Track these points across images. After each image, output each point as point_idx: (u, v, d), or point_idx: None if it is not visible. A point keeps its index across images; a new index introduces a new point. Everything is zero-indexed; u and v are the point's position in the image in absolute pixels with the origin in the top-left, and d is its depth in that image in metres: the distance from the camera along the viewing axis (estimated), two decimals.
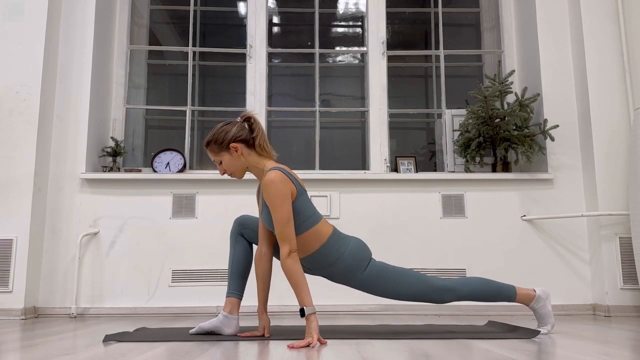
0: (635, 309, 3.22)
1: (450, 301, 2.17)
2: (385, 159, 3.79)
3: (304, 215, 2.06)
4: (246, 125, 2.14)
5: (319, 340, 1.88)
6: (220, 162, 2.11)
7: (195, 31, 4.16)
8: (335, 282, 2.18)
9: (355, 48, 4.29)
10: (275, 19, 4.32)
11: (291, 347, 1.82)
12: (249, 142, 2.11)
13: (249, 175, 3.48)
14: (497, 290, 2.19)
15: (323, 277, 2.19)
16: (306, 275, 2.79)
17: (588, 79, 3.45)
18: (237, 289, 2.20)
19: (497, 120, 3.53)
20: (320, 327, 2.47)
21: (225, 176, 3.47)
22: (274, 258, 2.30)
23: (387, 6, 4.05)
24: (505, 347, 1.83)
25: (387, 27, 4.00)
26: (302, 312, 1.93)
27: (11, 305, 3.13)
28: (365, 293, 2.80)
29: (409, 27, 4.35)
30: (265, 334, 2.16)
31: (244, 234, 2.24)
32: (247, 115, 2.13)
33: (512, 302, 2.22)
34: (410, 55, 4.23)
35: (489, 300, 2.20)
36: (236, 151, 2.08)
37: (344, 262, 2.09)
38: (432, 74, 4.23)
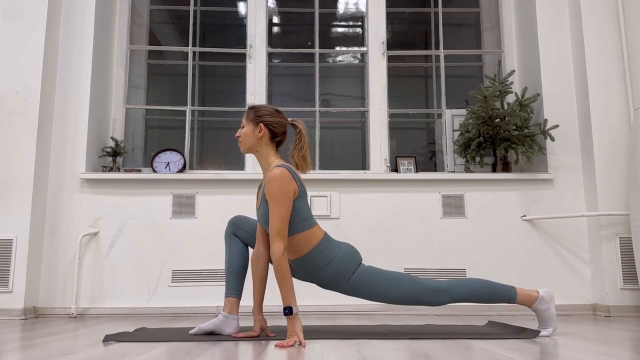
0: (635, 309, 3.22)
1: (445, 303, 2.15)
2: (385, 159, 3.79)
3: (301, 216, 2.07)
4: (288, 127, 2.20)
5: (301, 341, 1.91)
6: (243, 127, 2.18)
7: (195, 31, 4.16)
8: (325, 287, 2.19)
9: (355, 48, 4.29)
10: (275, 19, 4.32)
11: (281, 347, 1.84)
12: (276, 137, 2.17)
13: (249, 176, 3.48)
14: (495, 292, 2.17)
15: (312, 282, 2.20)
16: (297, 280, 2.75)
17: (588, 79, 3.45)
18: (235, 289, 2.21)
19: (497, 120, 3.53)
20: (320, 327, 2.48)
21: (226, 175, 3.48)
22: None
23: (387, 6, 4.05)
24: (505, 347, 1.83)
25: (387, 27, 4.00)
26: (288, 311, 1.94)
27: (11, 305, 3.13)
28: None
29: (409, 27, 4.35)
30: (269, 334, 2.17)
31: (238, 234, 2.25)
32: (294, 121, 2.19)
33: (512, 303, 2.21)
34: (410, 55, 4.23)
35: (487, 302, 2.19)
36: (259, 132, 2.14)
37: (333, 266, 2.10)
38: (432, 74, 4.23)
